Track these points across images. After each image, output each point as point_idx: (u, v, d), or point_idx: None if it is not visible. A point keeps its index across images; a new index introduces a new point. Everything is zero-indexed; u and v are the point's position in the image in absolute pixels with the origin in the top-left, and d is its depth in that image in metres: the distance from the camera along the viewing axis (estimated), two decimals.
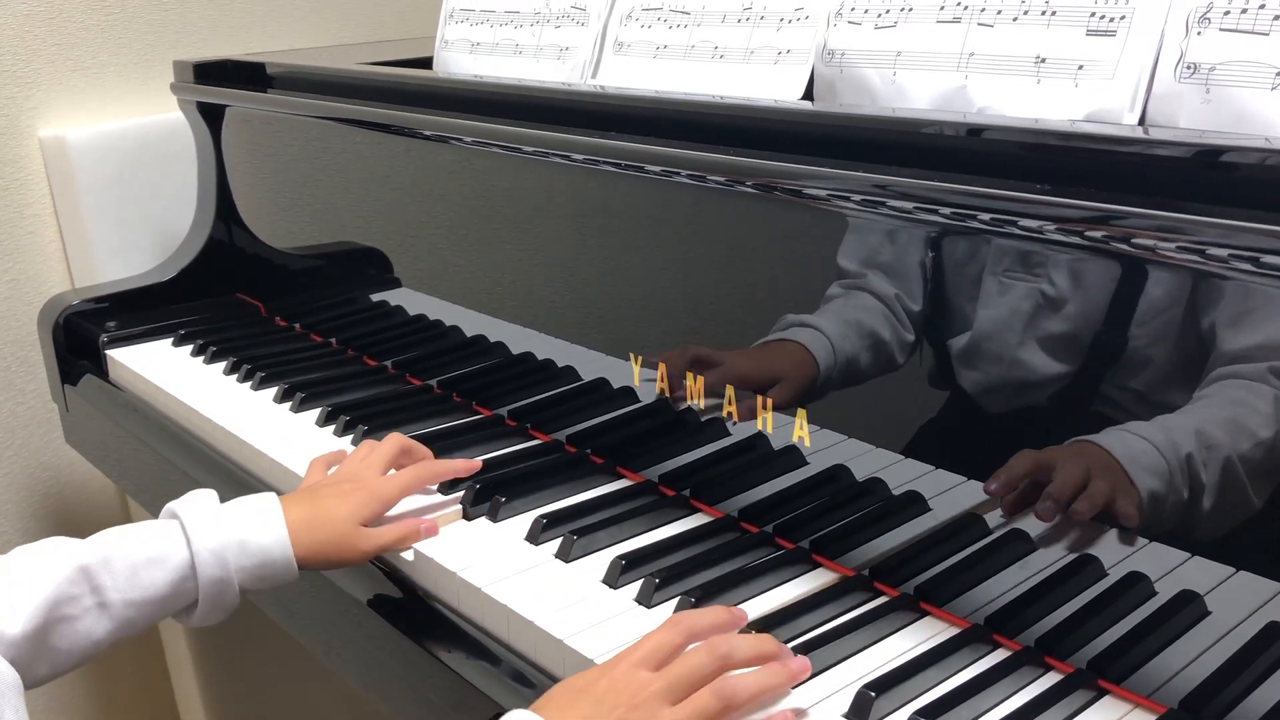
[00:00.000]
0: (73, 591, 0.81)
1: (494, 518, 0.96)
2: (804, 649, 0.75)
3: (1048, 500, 0.74)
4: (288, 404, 1.23)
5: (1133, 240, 0.67)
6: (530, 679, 0.80)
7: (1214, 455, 0.66)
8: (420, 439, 1.05)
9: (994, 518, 0.78)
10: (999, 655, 0.76)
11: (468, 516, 0.97)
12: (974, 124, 0.76)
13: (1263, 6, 0.71)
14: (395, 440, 1.00)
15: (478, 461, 1.02)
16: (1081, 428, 0.72)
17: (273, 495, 0.91)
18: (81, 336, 1.46)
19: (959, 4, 0.87)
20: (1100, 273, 0.70)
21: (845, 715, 0.71)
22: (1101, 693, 0.72)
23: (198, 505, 0.88)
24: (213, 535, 0.86)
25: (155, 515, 0.91)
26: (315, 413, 1.20)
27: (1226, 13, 0.73)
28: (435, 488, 1.01)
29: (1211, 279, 0.65)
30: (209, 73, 1.49)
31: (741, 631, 0.77)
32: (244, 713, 1.82)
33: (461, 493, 0.99)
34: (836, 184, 0.81)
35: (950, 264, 0.78)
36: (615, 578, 0.86)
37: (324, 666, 1.07)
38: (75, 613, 0.81)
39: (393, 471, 0.98)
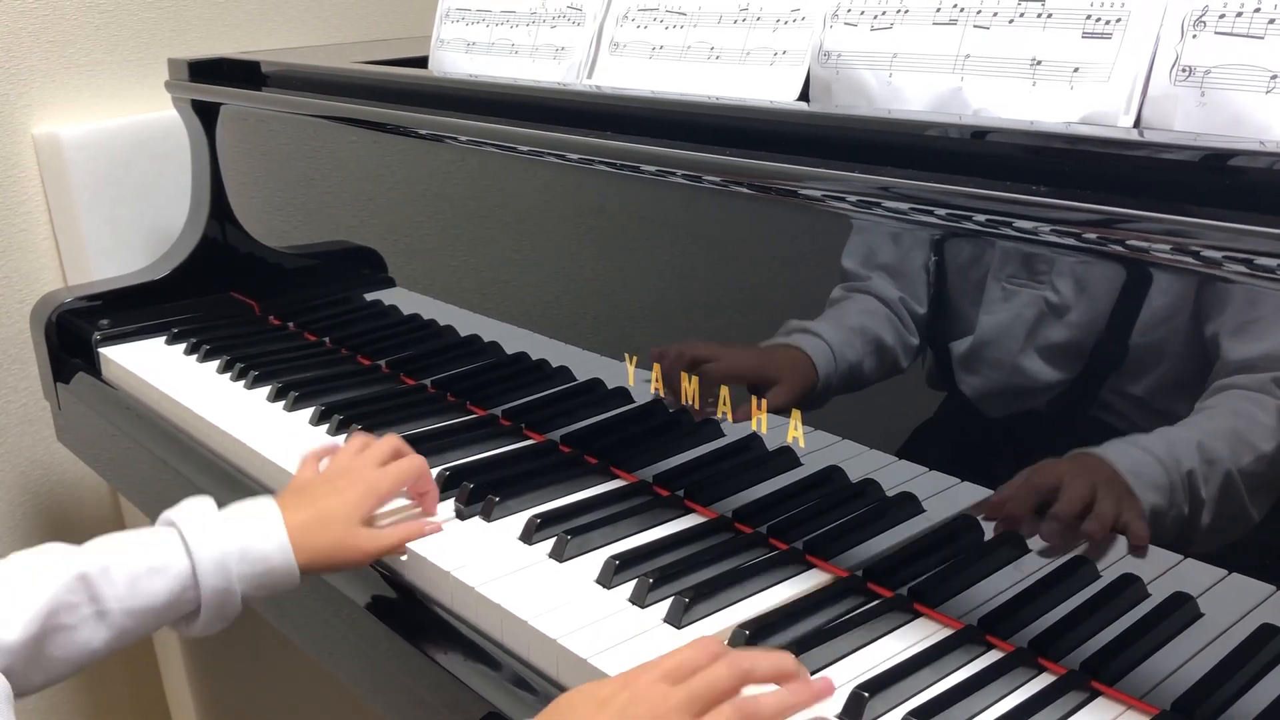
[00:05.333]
0: (71, 600, 0.80)
1: (488, 517, 0.96)
2: (797, 649, 0.75)
3: (1053, 521, 0.73)
4: (281, 403, 1.23)
5: (1139, 245, 0.66)
6: (524, 679, 0.80)
7: (1214, 470, 0.66)
8: (414, 439, 1.05)
9: (990, 522, 0.78)
10: (993, 656, 0.76)
11: (461, 516, 0.97)
12: (979, 126, 0.76)
13: (1258, 10, 0.71)
14: (393, 440, 1.00)
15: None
16: (1081, 434, 0.72)
17: (270, 500, 0.90)
18: (74, 334, 1.46)
19: (955, 6, 0.87)
20: (1105, 279, 0.69)
21: (839, 716, 0.71)
22: (1095, 694, 0.72)
23: (196, 513, 0.87)
24: (213, 544, 0.85)
25: (148, 514, 0.91)
26: (309, 412, 1.20)
27: (1222, 16, 0.73)
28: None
29: (1218, 285, 0.64)
30: (204, 71, 1.49)
31: (749, 643, 0.76)
32: (236, 712, 1.82)
33: (455, 491, 0.99)
34: (835, 185, 0.81)
35: (954, 268, 0.78)
36: (609, 578, 0.86)
37: (316, 665, 1.07)
38: (73, 621, 0.80)
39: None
